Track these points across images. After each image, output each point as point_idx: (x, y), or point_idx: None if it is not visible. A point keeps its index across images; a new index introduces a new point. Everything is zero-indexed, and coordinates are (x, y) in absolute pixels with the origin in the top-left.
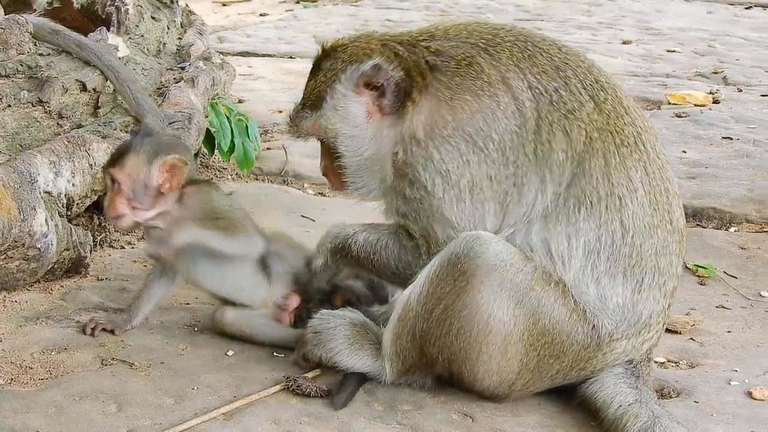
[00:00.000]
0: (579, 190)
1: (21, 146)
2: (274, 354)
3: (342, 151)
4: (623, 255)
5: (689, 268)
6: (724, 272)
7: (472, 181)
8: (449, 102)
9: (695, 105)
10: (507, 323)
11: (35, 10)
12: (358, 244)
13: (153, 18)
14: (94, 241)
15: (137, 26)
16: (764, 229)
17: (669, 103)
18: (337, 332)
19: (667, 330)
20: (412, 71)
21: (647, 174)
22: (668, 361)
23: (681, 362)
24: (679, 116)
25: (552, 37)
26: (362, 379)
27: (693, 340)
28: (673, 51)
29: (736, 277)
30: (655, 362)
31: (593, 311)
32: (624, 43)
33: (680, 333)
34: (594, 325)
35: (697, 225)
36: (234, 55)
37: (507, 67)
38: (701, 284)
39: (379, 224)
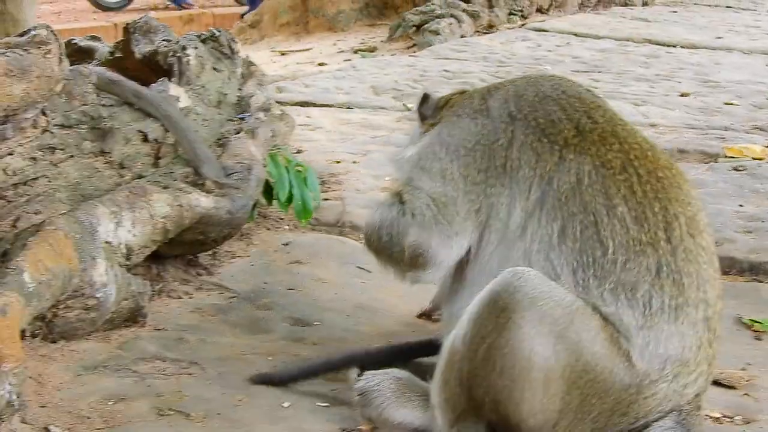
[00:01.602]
0: (549, 206)
1: (82, 196)
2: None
3: None
4: (610, 272)
5: (745, 323)
6: None
7: (442, 169)
8: (438, 125)
9: (753, 158)
10: (548, 359)
11: (96, 60)
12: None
13: (214, 69)
14: (152, 291)
15: (198, 77)
16: None
17: (726, 156)
18: (382, 388)
19: (722, 385)
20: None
21: (633, 192)
22: (723, 416)
23: (736, 417)
24: (737, 170)
25: (607, 88)
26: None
27: (748, 395)
28: (731, 104)
29: None
30: (710, 417)
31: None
32: (682, 95)
33: (735, 388)
34: (629, 357)
35: (754, 279)
36: (293, 105)
37: (495, 99)
38: (757, 339)
39: None
